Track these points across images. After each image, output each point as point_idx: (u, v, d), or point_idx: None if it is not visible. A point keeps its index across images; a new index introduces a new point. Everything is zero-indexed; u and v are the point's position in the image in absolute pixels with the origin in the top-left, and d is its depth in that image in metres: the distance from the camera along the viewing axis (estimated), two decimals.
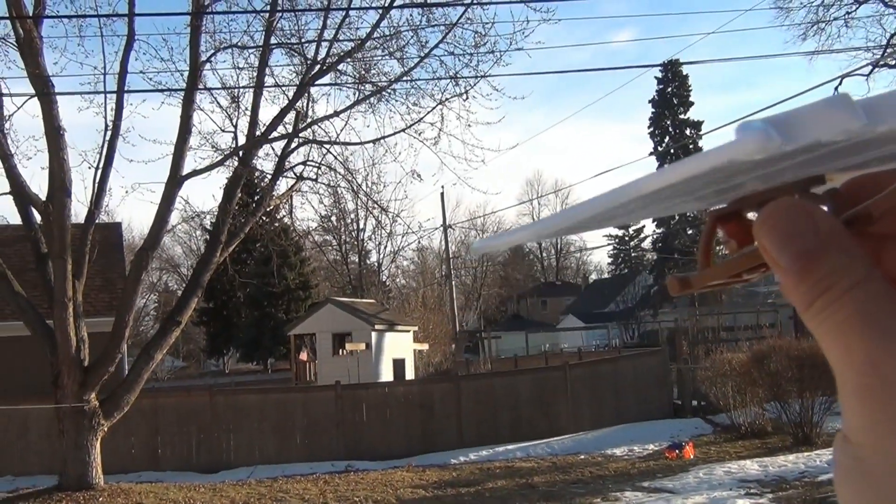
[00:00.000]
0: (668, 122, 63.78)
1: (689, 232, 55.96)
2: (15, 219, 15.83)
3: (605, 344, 51.55)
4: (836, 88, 28.91)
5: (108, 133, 15.15)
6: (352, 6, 16.60)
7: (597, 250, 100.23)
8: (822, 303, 0.40)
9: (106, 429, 14.98)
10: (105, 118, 15.24)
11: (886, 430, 0.38)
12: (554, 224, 0.47)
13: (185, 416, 18.74)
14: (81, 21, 15.68)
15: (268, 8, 16.31)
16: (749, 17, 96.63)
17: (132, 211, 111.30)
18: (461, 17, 16.75)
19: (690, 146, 63.60)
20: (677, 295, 0.53)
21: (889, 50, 29.16)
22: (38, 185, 14.76)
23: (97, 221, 15.84)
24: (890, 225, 0.45)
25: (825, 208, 0.47)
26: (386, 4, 16.54)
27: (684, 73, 62.42)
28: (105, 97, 15.38)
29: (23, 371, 19.04)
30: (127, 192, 16.42)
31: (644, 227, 79.64)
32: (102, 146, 15.14)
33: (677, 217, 65.96)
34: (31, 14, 14.24)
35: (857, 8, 28.40)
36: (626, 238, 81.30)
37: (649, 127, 64.94)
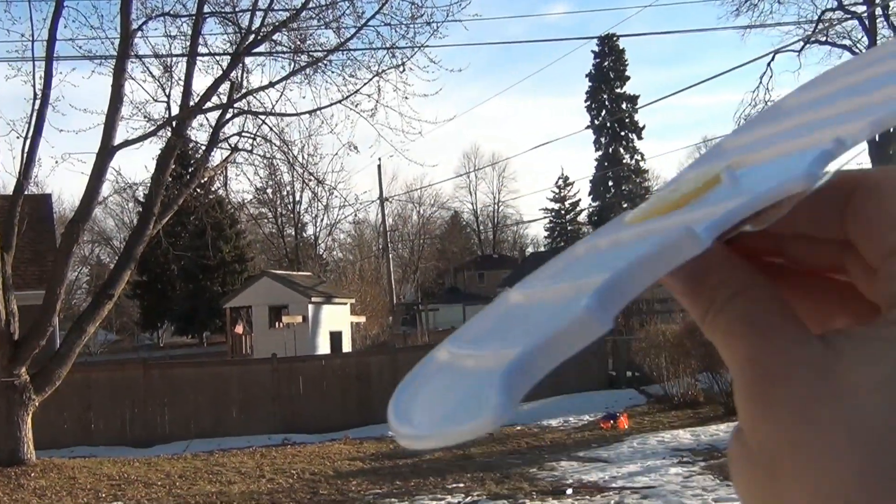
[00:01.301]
0: (605, 96, 64.39)
1: (625, 206, 56.47)
2: None
3: None
4: (768, 64, 29.41)
5: (37, 102, 14.83)
6: None
7: (533, 223, 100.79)
8: (710, 315, 0.44)
9: (37, 403, 14.75)
10: (34, 87, 14.91)
11: (762, 421, 0.41)
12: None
13: (119, 389, 18.52)
14: None
15: None
16: None
17: (63, 183, 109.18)
18: None
19: (626, 120, 64.20)
20: None
21: (820, 26, 29.72)
22: None
23: (26, 193, 15.52)
24: (784, 225, 0.48)
25: None
26: None
27: (621, 48, 63.02)
28: (34, 65, 15.06)
29: None
30: (57, 162, 16.19)
31: (580, 200, 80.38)
32: (31, 115, 14.81)
33: (613, 191, 66.68)
34: None
35: None
36: (563, 212, 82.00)
37: (586, 101, 65.53)
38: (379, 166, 43.02)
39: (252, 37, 16.39)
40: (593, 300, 0.37)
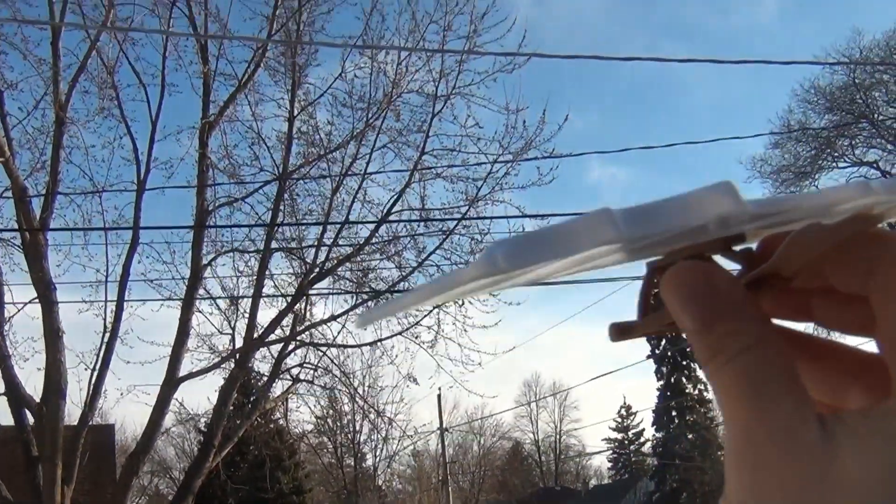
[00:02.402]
0: None
1: (690, 436, 55.12)
2: (8, 420, 15.60)
3: None
4: None
5: (107, 335, 15.17)
6: (349, 220, 16.93)
7: (596, 455, 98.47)
8: (714, 365, 0.42)
9: None
10: (104, 321, 15.29)
11: (751, 494, 0.39)
12: (430, 291, 0.49)
13: None
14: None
15: (268, 221, 16.61)
16: None
17: (125, 410, 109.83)
18: (457, 225, 17.12)
19: (688, 349, 63.64)
20: (617, 342, 0.53)
21: None
22: (34, 385, 14.69)
23: (90, 423, 15.64)
24: (813, 279, 0.47)
25: (738, 268, 0.48)
26: (380, 216, 16.91)
27: None
28: (105, 300, 15.49)
29: None
30: (122, 394, 16.37)
31: (643, 430, 78.61)
32: (100, 348, 15.10)
33: (676, 421, 65.29)
34: (38, 216, 14.54)
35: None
36: (626, 442, 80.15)
37: None
38: (439, 397, 42.71)
39: (316, 271, 16.81)
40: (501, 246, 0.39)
